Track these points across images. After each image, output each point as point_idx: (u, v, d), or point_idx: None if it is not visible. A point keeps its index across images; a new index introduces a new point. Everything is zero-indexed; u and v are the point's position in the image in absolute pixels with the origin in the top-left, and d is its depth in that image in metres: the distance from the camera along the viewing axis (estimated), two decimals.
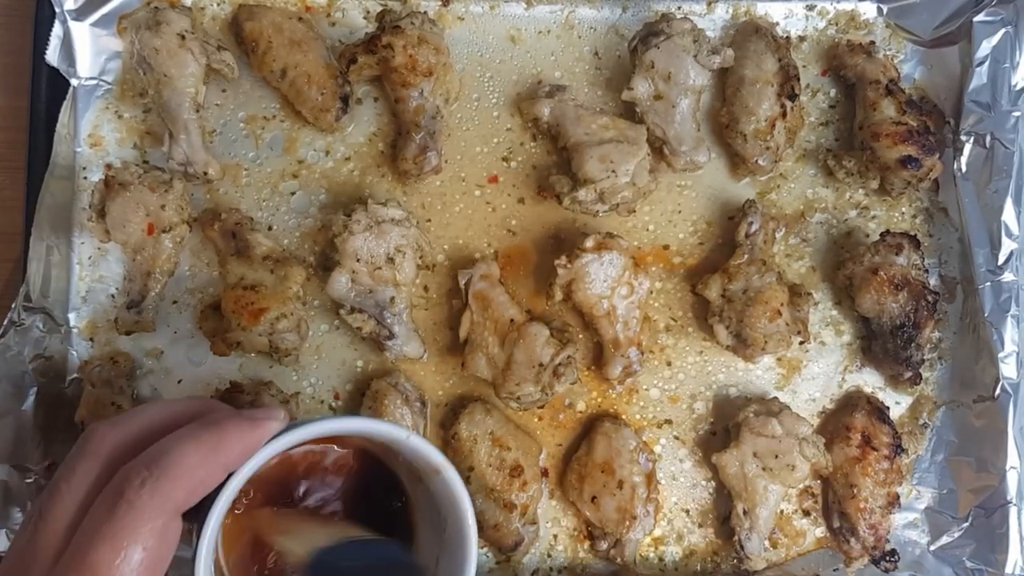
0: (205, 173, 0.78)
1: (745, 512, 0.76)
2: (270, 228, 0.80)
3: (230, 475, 0.50)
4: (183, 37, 0.76)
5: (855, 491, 0.77)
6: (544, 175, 0.81)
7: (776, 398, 0.79)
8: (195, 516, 0.49)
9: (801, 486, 0.79)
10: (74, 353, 0.78)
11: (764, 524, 0.76)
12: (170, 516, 0.47)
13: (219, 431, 0.49)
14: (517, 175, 0.82)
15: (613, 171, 0.76)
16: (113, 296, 0.79)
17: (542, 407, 0.78)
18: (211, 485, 0.49)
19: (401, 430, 0.56)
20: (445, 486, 0.57)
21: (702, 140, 0.81)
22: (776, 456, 0.75)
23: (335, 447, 0.59)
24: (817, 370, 0.82)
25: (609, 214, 0.79)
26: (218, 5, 0.82)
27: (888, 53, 0.85)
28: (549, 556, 0.79)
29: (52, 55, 0.78)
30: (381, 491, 0.61)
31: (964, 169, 0.81)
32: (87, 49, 0.79)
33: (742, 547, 0.76)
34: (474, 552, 0.57)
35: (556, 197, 0.78)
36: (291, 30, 0.79)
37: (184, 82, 0.76)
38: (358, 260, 0.75)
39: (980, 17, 0.81)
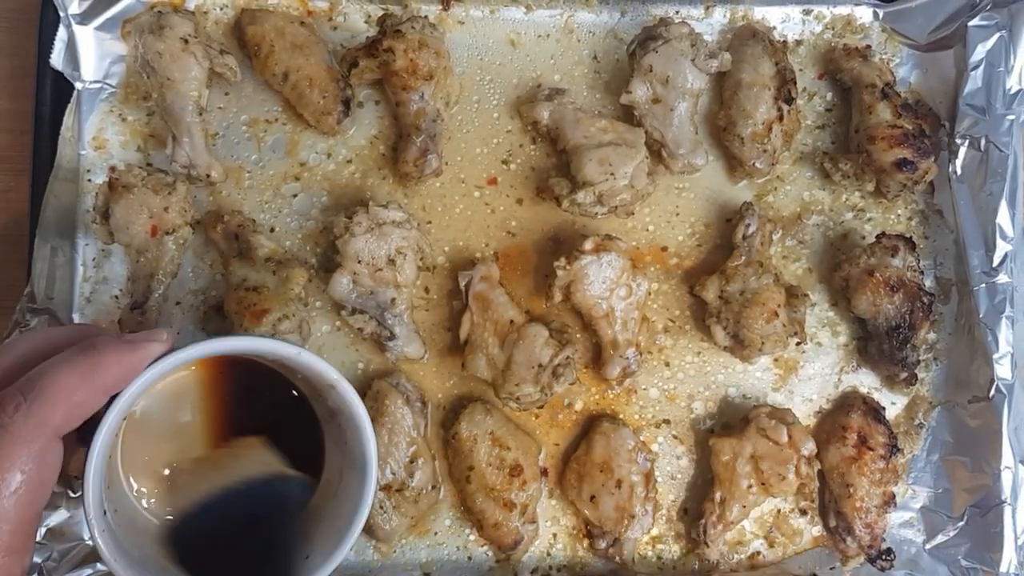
0: (208, 175, 0.79)
1: (721, 500, 0.76)
2: (272, 230, 0.81)
3: (115, 398, 0.50)
4: (186, 41, 0.77)
5: (851, 490, 0.77)
6: (543, 177, 0.82)
7: (790, 410, 0.80)
8: (88, 442, 0.50)
9: (780, 499, 0.80)
10: None
11: (733, 518, 0.77)
12: (48, 440, 0.47)
13: (96, 354, 0.49)
14: (517, 177, 0.83)
15: (612, 174, 0.77)
16: (117, 297, 0.80)
17: (541, 407, 0.79)
18: (91, 408, 0.49)
19: (290, 347, 0.57)
20: (341, 400, 0.59)
21: (700, 143, 0.82)
22: (772, 462, 0.76)
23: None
24: (813, 371, 0.83)
25: (608, 216, 0.80)
26: (221, 9, 0.82)
27: (884, 57, 0.85)
28: (548, 555, 0.79)
29: (57, 59, 0.78)
30: (291, 411, 0.62)
31: (959, 172, 0.82)
32: (91, 53, 0.80)
33: (705, 532, 0.76)
34: (373, 464, 0.58)
35: (555, 199, 0.79)
36: (293, 34, 0.79)
37: (187, 85, 0.77)
38: (359, 262, 0.75)
39: (975, 22, 0.82)
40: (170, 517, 0.59)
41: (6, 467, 0.46)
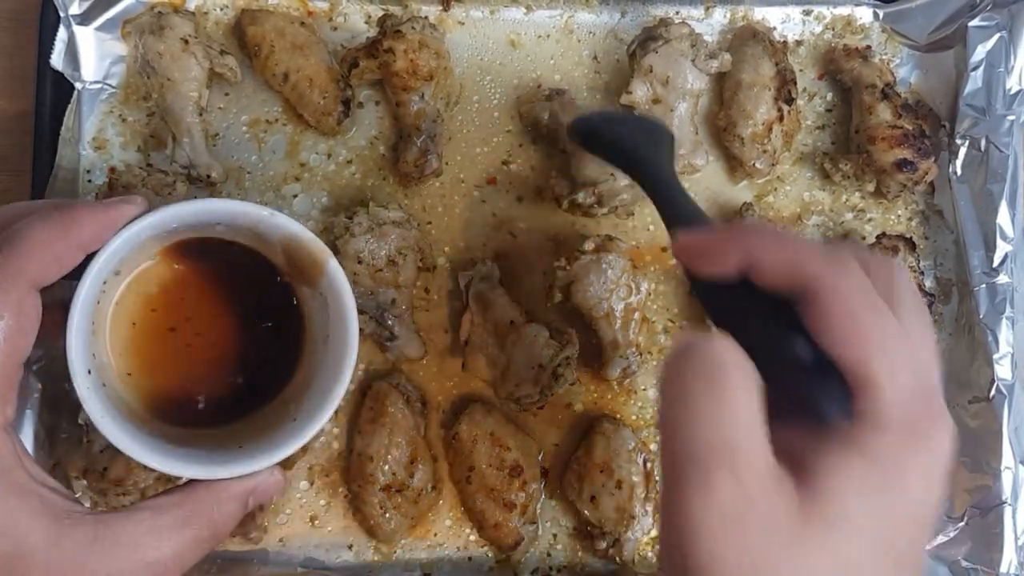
0: (208, 176, 0.79)
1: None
2: None
3: (93, 257, 0.52)
4: (186, 41, 0.77)
5: None
6: (543, 177, 0.82)
7: None
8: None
9: None
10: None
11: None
12: (25, 290, 0.48)
13: (70, 211, 0.51)
14: (516, 177, 0.83)
15: (612, 174, 0.77)
16: None
17: (541, 408, 0.79)
18: (67, 264, 0.50)
19: (263, 209, 0.58)
20: (314, 259, 0.60)
21: (700, 143, 0.82)
22: None
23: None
24: None
25: (608, 216, 0.80)
26: (221, 10, 0.83)
27: (884, 57, 0.85)
28: (548, 555, 0.79)
29: (57, 59, 0.78)
30: (271, 289, 0.64)
31: (959, 172, 0.82)
32: (91, 53, 0.80)
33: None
34: (354, 326, 0.60)
35: (555, 199, 0.79)
36: (293, 35, 0.80)
37: (187, 86, 0.77)
38: (359, 262, 0.75)
39: (975, 22, 0.82)
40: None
41: None
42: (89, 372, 0.54)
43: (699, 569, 0.37)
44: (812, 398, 0.41)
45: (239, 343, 0.64)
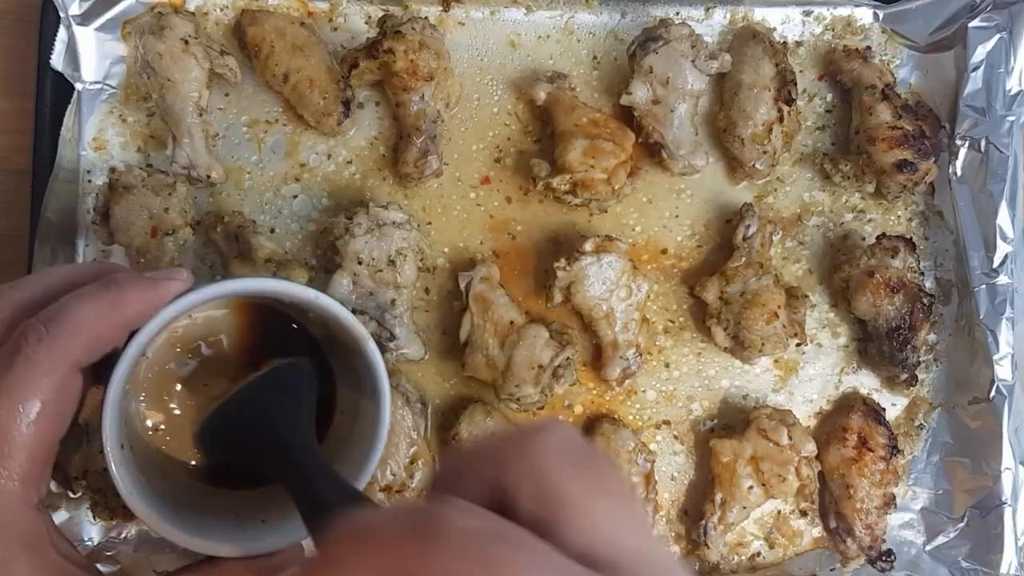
0: (208, 176, 0.79)
1: (721, 502, 0.76)
2: (272, 231, 0.81)
3: (134, 334, 0.51)
4: (186, 42, 0.77)
5: (851, 492, 0.77)
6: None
7: (791, 411, 0.80)
8: (105, 379, 0.51)
9: (780, 500, 0.79)
10: None
11: (733, 519, 0.77)
12: (68, 371, 0.48)
13: (118, 289, 0.50)
14: (515, 177, 0.83)
15: (592, 166, 0.77)
16: None
17: (541, 408, 0.79)
18: (111, 342, 0.50)
19: (308, 291, 0.58)
20: (352, 339, 0.60)
21: (700, 144, 0.82)
22: (772, 463, 0.76)
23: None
24: (814, 372, 0.83)
25: (581, 209, 0.80)
26: (221, 10, 0.83)
27: (884, 58, 0.85)
28: None
29: (57, 60, 0.78)
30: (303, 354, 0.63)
31: (959, 173, 0.82)
32: (91, 54, 0.80)
33: (705, 533, 0.76)
34: (386, 398, 0.59)
35: (532, 179, 0.79)
36: (293, 35, 0.79)
37: (187, 86, 0.77)
38: (359, 262, 0.75)
39: (975, 23, 0.82)
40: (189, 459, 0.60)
41: (27, 395, 0.46)
42: (122, 447, 0.53)
43: None
44: None
45: (255, 403, 0.61)
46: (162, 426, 0.60)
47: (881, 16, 0.86)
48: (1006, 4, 0.81)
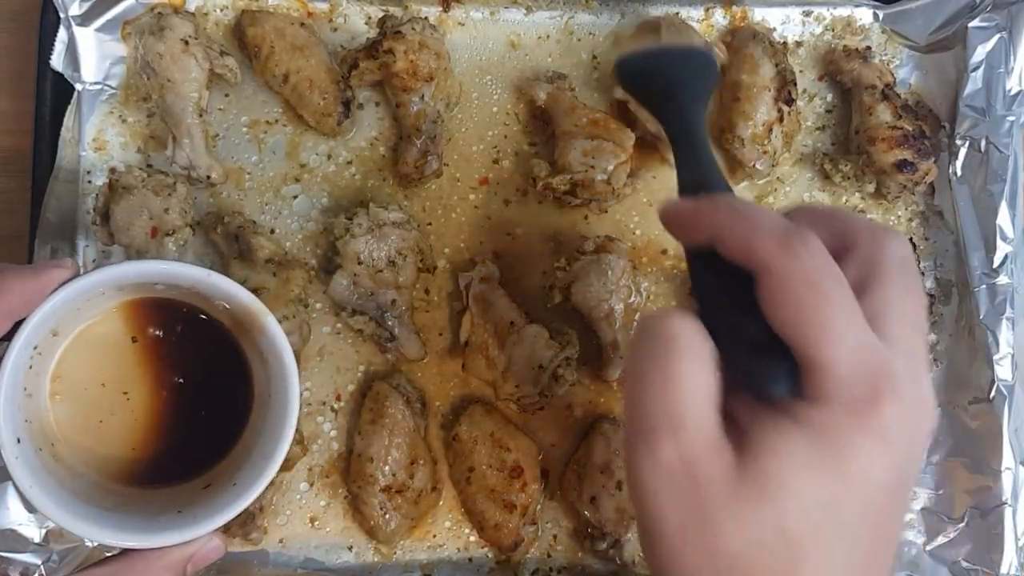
0: (208, 177, 0.79)
1: None
2: (272, 231, 0.81)
3: (22, 324, 0.52)
4: (186, 42, 0.77)
5: None
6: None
7: None
8: None
9: None
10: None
11: None
12: None
13: None
14: (514, 178, 0.83)
15: (592, 166, 0.77)
16: None
17: (541, 408, 0.79)
18: None
19: (199, 269, 0.58)
20: (252, 321, 0.60)
21: None
22: None
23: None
24: None
25: (580, 208, 0.80)
26: (221, 11, 0.83)
27: (884, 58, 0.85)
28: (549, 556, 0.79)
29: (57, 60, 0.78)
30: (218, 349, 0.64)
31: (959, 173, 0.82)
32: (91, 54, 0.80)
33: None
34: (295, 386, 0.60)
35: (532, 179, 0.79)
36: (293, 35, 0.80)
37: (187, 87, 0.77)
38: (359, 263, 0.75)
39: (975, 23, 0.82)
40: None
41: None
42: (19, 441, 0.54)
43: (650, 525, 0.41)
44: (759, 375, 0.42)
45: (185, 403, 0.63)
46: (78, 422, 0.60)
47: (881, 16, 0.86)
48: (1006, 4, 0.81)
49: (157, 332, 0.63)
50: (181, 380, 0.63)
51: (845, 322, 0.40)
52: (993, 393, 0.78)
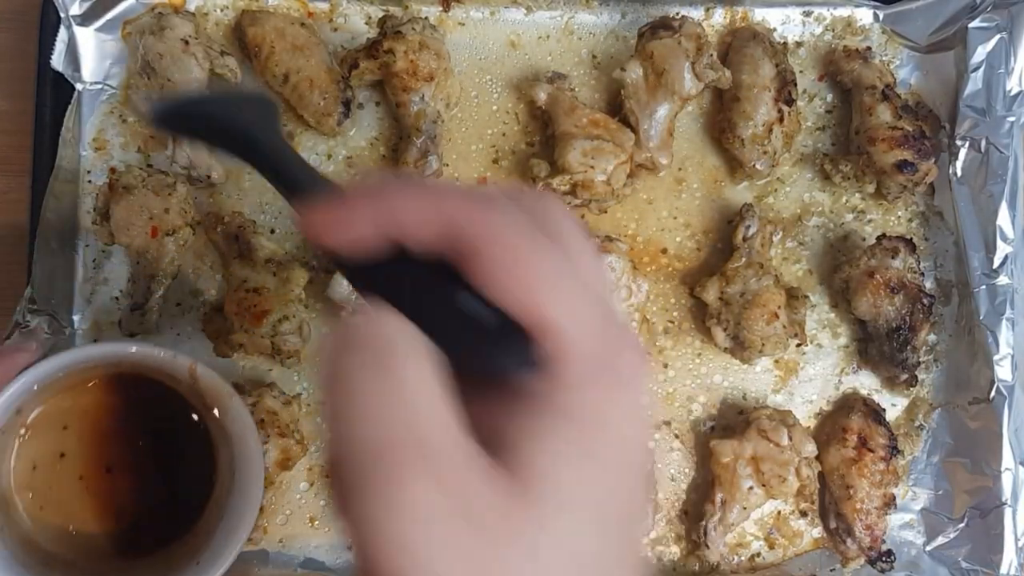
0: (208, 176, 0.79)
1: (722, 502, 0.76)
2: (272, 231, 0.81)
3: None
4: (187, 42, 0.77)
5: (851, 492, 0.77)
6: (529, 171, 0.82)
7: (791, 412, 0.80)
8: None
9: (780, 501, 0.79)
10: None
11: (734, 520, 0.77)
12: None
13: None
14: (515, 178, 0.83)
15: (592, 167, 0.77)
16: (117, 298, 0.80)
17: None
18: None
19: (160, 350, 0.59)
20: (208, 391, 0.61)
21: (669, 144, 0.81)
22: (773, 464, 0.76)
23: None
24: (814, 372, 0.83)
25: (581, 209, 0.80)
26: (221, 11, 0.83)
27: (884, 59, 0.85)
28: None
29: (57, 60, 0.78)
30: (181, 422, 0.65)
31: (959, 173, 0.82)
32: (91, 54, 0.80)
33: (705, 533, 0.76)
34: (259, 468, 0.61)
35: (532, 180, 0.79)
36: (293, 35, 0.79)
37: (188, 87, 0.77)
38: None
39: (975, 23, 0.82)
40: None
41: None
42: None
43: (415, 570, 0.30)
44: (491, 358, 0.36)
45: (147, 479, 0.63)
46: (40, 497, 0.61)
47: (881, 16, 0.86)
48: (1006, 4, 0.81)
49: (122, 408, 0.63)
50: (144, 456, 0.63)
51: (569, 278, 0.35)
52: (993, 393, 0.78)
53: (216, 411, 0.62)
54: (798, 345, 0.81)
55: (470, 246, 0.34)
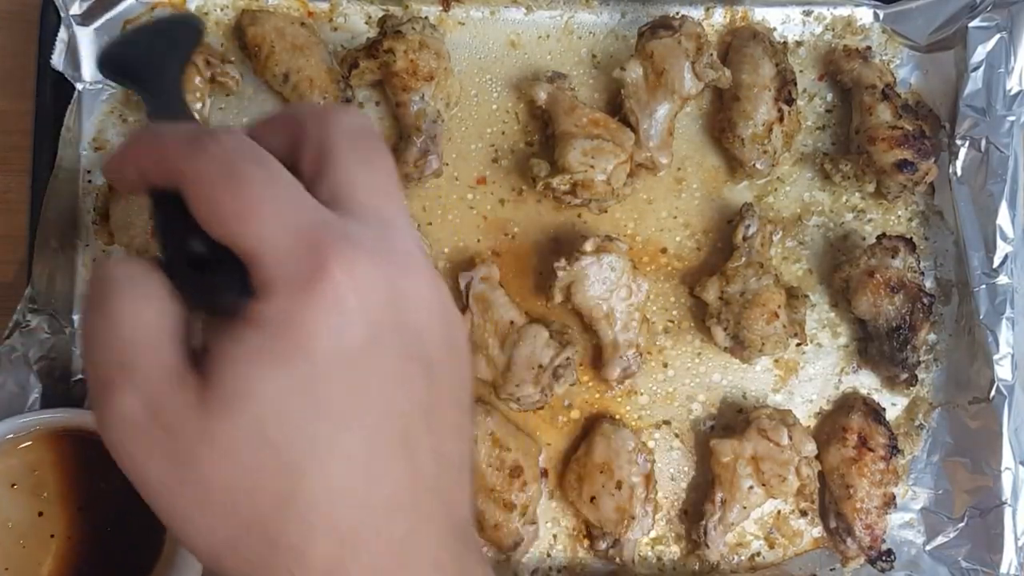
0: None
1: (722, 502, 0.76)
2: None
3: None
4: None
5: (851, 492, 0.77)
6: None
7: (791, 411, 0.80)
8: None
9: (780, 500, 0.79)
10: (79, 354, 0.79)
11: (733, 519, 0.77)
12: None
13: None
14: (509, 178, 0.83)
15: (592, 166, 0.77)
16: None
17: (541, 408, 0.79)
18: None
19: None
20: None
21: (669, 144, 0.81)
22: (773, 463, 0.76)
23: None
24: (814, 372, 0.83)
25: (580, 209, 0.80)
26: (222, 10, 0.83)
27: (884, 58, 0.85)
28: (549, 556, 0.79)
29: (57, 59, 0.78)
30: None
31: (959, 173, 0.82)
32: (92, 54, 0.80)
33: (705, 533, 0.76)
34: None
35: (532, 179, 0.79)
36: (293, 35, 0.80)
37: (188, 96, 0.77)
38: None
39: (975, 23, 0.82)
40: None
41: None
42: None
43: (139, 487, 0.37)
44: (208, 291, 0.39)
45: (95, 536, 0.63)
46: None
47: (881, 16, 0.86)
48: (1006, 4, 0.81)
49: (67, 466, 0.63)
50: (92, 513, 0.63)
51: (274, 204, 0.37)
52: (993, 393, 0.78)
53: None
54: (798, 345, 0.81)
55: (182, 186, 0.38)
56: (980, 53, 0.81)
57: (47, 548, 0.63)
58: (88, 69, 0.80)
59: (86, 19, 0.79)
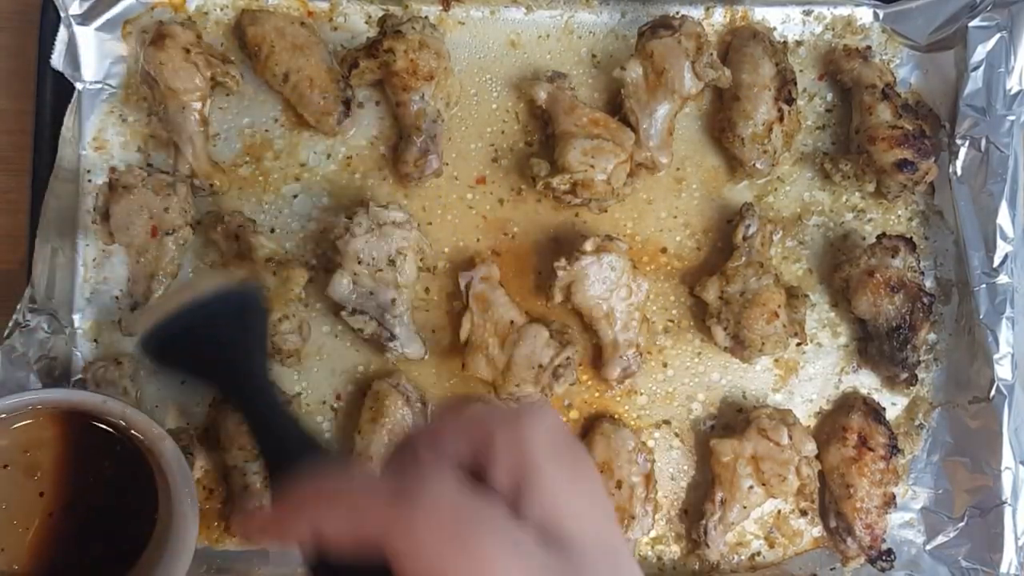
0: (211, 185, 0.79)
1: (722, 501, 0.76)
2: (272, 231, 0.81)
3: None
4: (188, 51, 0.77)
5: (851, 491, 0.77)
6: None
7: (791, 411, 0.80)
8: None
9: (780, 500, 0.79)
10: (78, 354, 0.79)
11: (734, 519, 0.77)
12: None
13: None
14: (508, 178, 0.83)
15: (592, 166, 0.77)
16: (117, 298, 0.80)
17: None
18: None
19: (95, 396, 0.60)
20: (157, 447, 0.62)
21: (669, 144, 0.81)
22: (773, 463, 0.76)
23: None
24: (814, 371, 0.83)
25: (581, 208, 0.80)
26: (222, 10, 0.82)
27: (884, 58, 0.85)
28: None
29: (57, 59, 0.78)
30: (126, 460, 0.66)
31: (959, 172, 0.82)
32: (92, 53, 0.80)
33: (705, 532, 0.76)
34: (193, 510, 0.62)
35: (532, 178, 0.79)
36: (293, 35, 0.79)
37: (189, 96, 0.77)
38: (359, 262, 0.75)
39: (975, 22, 0.82)
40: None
41: None
42: None
43: None
44: None
45: (85, 520, 0.64)
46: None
47: (881, 16, 0.86)
48: (1006, 4, 0.81)
49: (60, 447, 0.64)
50: (85, 494, 0.64)
51: (504, 561, 0.34)
52: (993, 393, 0.78)
53: (154, 453, 0.64)
54: (798, 344, 0.81)
55: (391, 558, 0.34)
56: (980, 53, 0.81)
57: (40, 527, 0.63)
58: (88, 69, 0.80)
59: (86, 19, 0.79)
